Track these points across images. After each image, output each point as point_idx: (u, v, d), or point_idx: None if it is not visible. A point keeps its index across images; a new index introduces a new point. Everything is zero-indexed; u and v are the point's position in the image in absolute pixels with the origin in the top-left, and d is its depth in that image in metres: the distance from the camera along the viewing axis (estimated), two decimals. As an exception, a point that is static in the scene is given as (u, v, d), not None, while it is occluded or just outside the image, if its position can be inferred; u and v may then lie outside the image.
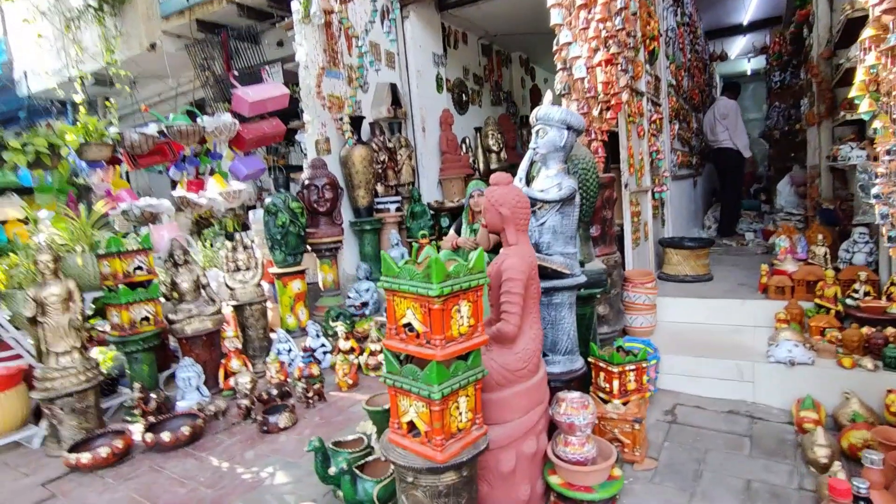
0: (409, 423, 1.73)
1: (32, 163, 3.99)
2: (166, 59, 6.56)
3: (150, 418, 3.03)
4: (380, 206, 5.26)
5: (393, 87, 5.74)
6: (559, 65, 3.17)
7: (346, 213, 5.11)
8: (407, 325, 1.71)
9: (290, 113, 5.83)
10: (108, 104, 5.14)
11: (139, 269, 3.38)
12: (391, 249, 4.94)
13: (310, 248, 4.69)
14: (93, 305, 3.61)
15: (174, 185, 4.64)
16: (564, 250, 2.39)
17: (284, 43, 6.31)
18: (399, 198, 5.39)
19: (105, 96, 7.27)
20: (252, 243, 4.15)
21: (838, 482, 1.60)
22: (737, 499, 2.09)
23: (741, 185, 7.07)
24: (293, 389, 3.40)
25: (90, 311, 3.61)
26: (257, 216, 5.09)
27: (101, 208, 3.72)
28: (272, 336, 4.04)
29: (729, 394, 2.97)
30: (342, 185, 4.93)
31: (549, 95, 2.56)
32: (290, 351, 3.87)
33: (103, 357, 3.70)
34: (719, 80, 10.66)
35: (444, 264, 1.60)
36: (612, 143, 3.49)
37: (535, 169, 2.57)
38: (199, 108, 4.90)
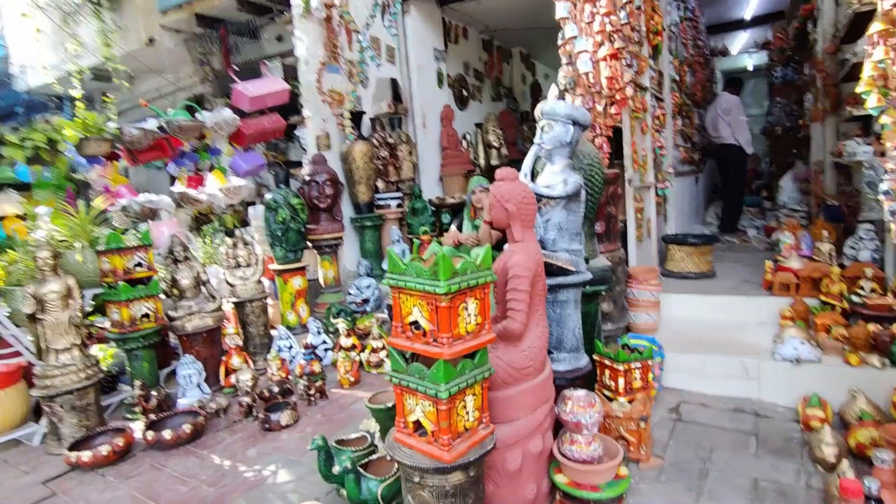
0: (416, 423, 1.70)
1: (30, 158, 3.96)
2: (165, 53, 6.52)
3: (151, 416, 3.02)
4: (380, 203, 5.22)
5: (394, 83, 5.70)
6: (564, 59, 3.13)
7: (347, 210, 5.08)
8: (413, 323, 1.68)
9: (290, 108, 5.78)
10: (107, 99, 5.09)
11: (139, 265, 3.36)
12: (392, 246, 4.91)
13: (310, 244, 4.66)
14: (92, 302, 3.58)
15: (173, 180, 4.60)
16: (570, 247, 2.36)
17: (284, 38, 6.26)
18: (400, 194, 5.35)
19: (103, 91, 7.22)
20: (252, 239, 4.13)
21: (849, 482, 1.59)
22: (744, 498, 2.07)
23: (744, 181, 7.03)
24: (294, 387, 3.37)
25: (90, 308, 3.59)
26: (257, 212, 5.05)
27: (101, 204, 3.69)
28: (273, 333, 4.02)
29: (734, 391, 2.94)
30: (343, 181, 4.90)
31: (554, 90, 2.53)
32: (291, 348, 3.85)
33: (103, 354, 3.68)
34: (720, 75, 10.61)
35: (451, 261, 1.57)
36: (615, 138, 3.46)
37: (539, 164, 2.54)
38: (198, 104, 4.85)
